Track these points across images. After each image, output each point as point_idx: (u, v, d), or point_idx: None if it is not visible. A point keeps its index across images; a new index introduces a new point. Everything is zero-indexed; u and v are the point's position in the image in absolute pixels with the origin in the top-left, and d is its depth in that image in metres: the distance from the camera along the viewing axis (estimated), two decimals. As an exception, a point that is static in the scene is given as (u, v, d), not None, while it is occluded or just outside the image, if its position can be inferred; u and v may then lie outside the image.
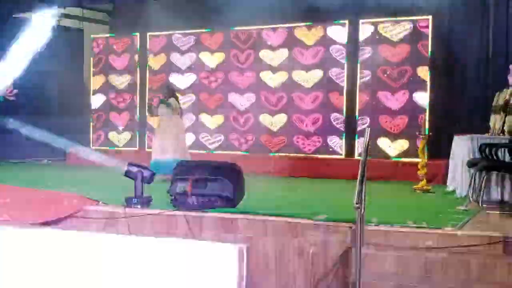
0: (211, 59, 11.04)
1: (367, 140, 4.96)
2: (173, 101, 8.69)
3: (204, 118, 11.07)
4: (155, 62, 11.56)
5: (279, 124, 10.47)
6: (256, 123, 10.62)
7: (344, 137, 9.98)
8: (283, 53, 10.42)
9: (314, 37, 10.21)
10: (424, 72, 9.40)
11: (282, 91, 10.43)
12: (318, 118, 10.18)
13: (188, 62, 11.23)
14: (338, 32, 10.05)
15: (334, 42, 10.05)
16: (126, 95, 11.86)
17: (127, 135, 11.85)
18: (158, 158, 8.38)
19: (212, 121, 11.00)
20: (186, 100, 11.01)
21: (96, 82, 12.15)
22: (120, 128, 11.86)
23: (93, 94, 12.20)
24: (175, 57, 11.35)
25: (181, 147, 8.61)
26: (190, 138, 10.63)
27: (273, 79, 10.52)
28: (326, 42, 10.13)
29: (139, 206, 5.83)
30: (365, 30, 9.81)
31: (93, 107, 12.16)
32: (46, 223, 5.64)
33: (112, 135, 11.97)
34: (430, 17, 9.41)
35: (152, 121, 9.21)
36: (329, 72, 10.07)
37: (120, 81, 11.90)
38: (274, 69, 10.50)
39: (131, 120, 11.78)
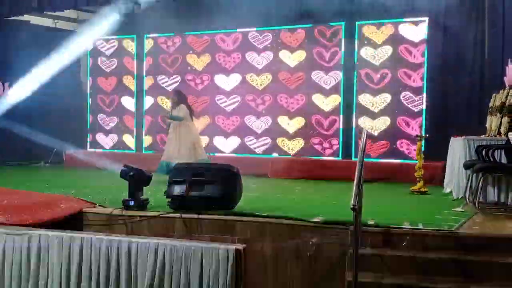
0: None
1: (364, 141, 4.98)
2: (184, 108, 8.75)
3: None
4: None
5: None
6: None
7: (341, 138, 10.01)
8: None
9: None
10: (420, 74, 9.43)
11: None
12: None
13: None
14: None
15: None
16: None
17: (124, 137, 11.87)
18: (171, 161, 8.34)
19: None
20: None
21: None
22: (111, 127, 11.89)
23: (90, 96, 12.19)
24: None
25: (197, 152, 8.68)
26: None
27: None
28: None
29: (136, 208, 5.83)
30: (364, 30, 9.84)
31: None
32: (44, 226, 5.63)
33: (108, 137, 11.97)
34: (426, 18, 9.43)
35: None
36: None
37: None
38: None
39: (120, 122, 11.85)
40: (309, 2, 9.83)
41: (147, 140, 11.60)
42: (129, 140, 11.82)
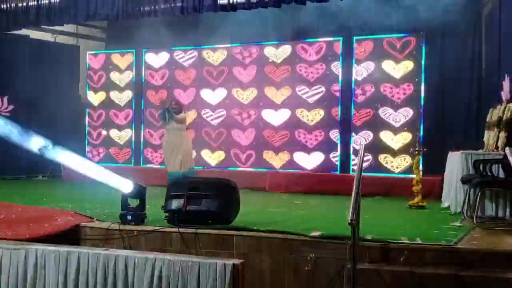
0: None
1: (362, 156, 4.99)
2: (185, 116, 8.88)
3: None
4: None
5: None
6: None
7: (339, 152, 10.02)
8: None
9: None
10: (418, 88, 9.47)
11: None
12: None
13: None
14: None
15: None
16: (123, 111, 11.88)
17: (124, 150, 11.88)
18: (179, 171, 8.47)
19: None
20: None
21: (95, 98, 12.14)
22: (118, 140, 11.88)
23: (94, 109, 12.20)
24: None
25: (192, 160, 8.87)
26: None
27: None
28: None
29: (133, 223, 5.82)
30: (359, 45, 9.88)
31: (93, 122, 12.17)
32: (41, 240, 5.61)
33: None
34: (423, 33, 9.48)
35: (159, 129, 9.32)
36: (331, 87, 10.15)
37: (119, 97, 11.92)
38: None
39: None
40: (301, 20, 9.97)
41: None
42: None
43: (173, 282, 4.53)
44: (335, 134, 10.06)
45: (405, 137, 9.53)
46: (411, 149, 8.51)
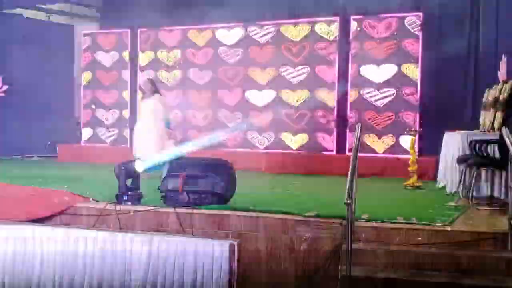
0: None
1: (358, 136, 4.98)
2: (160, 97, 8.32)
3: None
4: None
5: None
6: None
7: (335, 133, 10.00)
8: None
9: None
10: (414, 69, 9.43)
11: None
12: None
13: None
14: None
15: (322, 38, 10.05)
16: (113, 92, 11.79)
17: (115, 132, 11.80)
18: (145, 155, 7.74)
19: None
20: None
21: (85, 77, 12.05)
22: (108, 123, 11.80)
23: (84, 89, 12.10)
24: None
25: (166, 144, 8.17)
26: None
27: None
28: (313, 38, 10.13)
29: (129, 203, 5.82)
30: (355, 26, 9.81)
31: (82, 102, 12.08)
32: (36, 220, 5.62)
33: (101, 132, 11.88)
34: (420, 13, 9.43)
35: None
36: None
37: (108, 77, 11.82)
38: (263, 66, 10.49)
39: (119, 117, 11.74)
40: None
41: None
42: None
43: (169, 262, 4.55)
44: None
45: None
46: (407, 129, 8.52)
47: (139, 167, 6.08)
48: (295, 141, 10.21)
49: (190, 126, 10.88)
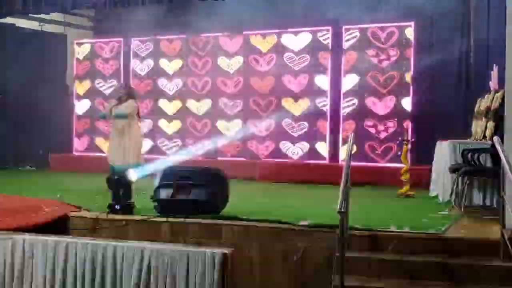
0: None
1: (351, 145, 5.00)
2: (132, 104, 8.02)
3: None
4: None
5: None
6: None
7: (328, 142, 10.02)
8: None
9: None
10: (406, 78, 9.48)
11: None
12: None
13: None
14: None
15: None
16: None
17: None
18: (119, 163, 7.78)
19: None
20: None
21: (81, 87, 12.02)
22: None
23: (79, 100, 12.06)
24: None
25: (139, 152, 8.12)
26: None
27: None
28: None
29: (122, 212, 5.80)
30: (350, 35, 9.86)
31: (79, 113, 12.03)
32: (28, 230, 5.57)
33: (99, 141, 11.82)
34: (412, 23, 9.49)
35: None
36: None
37: (106, 86, 11.80)
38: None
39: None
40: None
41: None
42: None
43: (162, 271, 4.52)
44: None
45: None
46: (400, 138, 8.54)
47: (132, 176, 6.06)
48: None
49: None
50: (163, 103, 11.20)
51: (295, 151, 10.21)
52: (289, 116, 10.21)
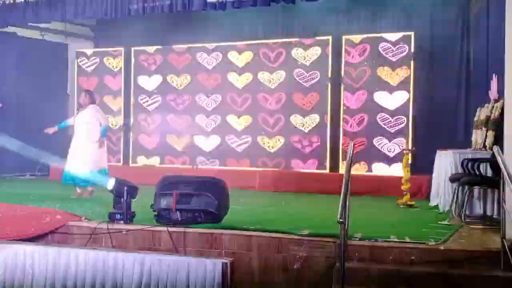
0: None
1: (351, 154, 5.00)
2: (97, 109, 8.30)
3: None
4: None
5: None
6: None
7: (328, 152, 10.03)
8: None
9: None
10: (407, 88, 9.50)
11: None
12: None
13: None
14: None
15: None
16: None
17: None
18: (76, 170, 7.97)
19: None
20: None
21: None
22: None
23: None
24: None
25: (98, 158, 8.19)
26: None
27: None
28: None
29: (122, 222, 5.79)
30: (348, 45, 9.88)
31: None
32: (28, 239, 5.58)
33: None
34: (412, 33, 9.51)
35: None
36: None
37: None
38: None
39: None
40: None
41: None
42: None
43: (162, 281, 4.51)
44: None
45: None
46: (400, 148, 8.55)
47: (110, 185, 6.04)
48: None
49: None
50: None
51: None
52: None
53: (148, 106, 11.39)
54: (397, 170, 9.12)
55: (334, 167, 9.92)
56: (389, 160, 9.54)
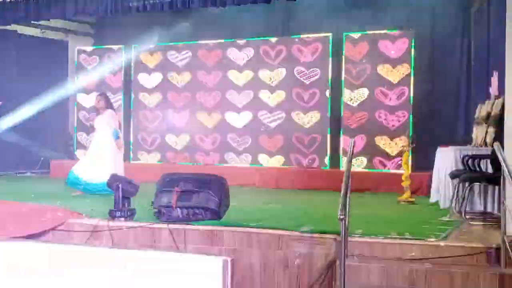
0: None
1: (351, 151, 5.00)
2: (112, 114, 8.30)
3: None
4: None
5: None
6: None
7: (328, 149, 10.02)
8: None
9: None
10: (407, 84, 9.49)
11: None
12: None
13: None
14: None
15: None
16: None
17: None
18: (94, 177, 7.89)
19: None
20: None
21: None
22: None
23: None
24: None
25: (119, 165, 8.12)
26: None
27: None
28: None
29: (122, 219, 5.80)
30: (349, 43, 9.87)
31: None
32: (29, 237, 5.58)
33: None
34: (412, 30, 9.50)
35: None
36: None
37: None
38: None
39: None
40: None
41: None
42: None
43: (162, 278, 4.52)
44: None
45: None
46: (401, 145, 8.54)
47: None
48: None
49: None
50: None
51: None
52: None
53: (149, 103, 11.37)
54: (398, 166, 9.14)
55: (335, 163, 9.93)
56: (390, 157, 9.53)
